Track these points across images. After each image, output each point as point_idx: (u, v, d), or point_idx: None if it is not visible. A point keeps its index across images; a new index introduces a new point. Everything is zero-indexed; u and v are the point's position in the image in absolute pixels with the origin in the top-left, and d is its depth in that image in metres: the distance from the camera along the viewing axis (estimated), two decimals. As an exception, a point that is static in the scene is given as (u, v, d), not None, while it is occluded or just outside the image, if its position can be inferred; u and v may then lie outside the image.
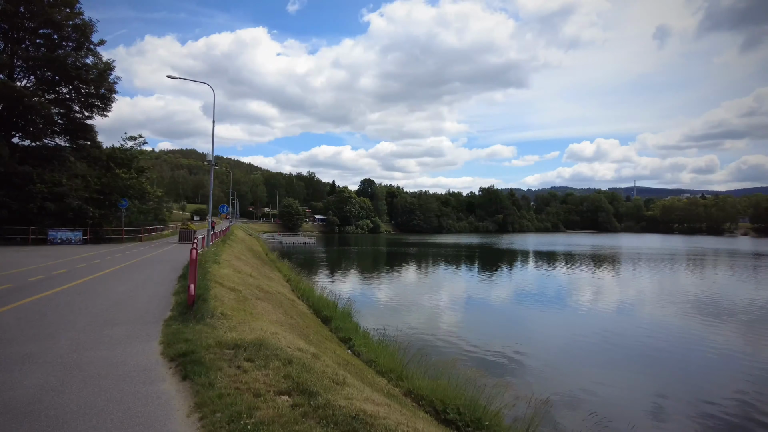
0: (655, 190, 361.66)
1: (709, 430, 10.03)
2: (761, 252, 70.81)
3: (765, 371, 14.07)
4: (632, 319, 21.44)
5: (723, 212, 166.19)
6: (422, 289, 29.70)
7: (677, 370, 14.13)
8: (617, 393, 12.06)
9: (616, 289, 30.80)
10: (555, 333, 18.86)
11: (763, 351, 16.33)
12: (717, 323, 20.60)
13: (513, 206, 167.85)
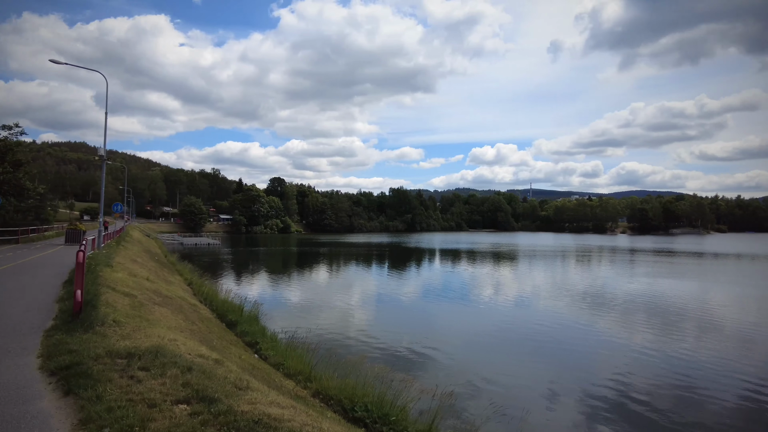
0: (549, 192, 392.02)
1: (593, 408, 11.07)
2: (635, 248, 79.64)
3: (638, 353, 15.81)
4: (528, 312, 23.06)
5: (606, 213, 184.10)
6: (333, 289, 29.65)
7: (567, 357, 15.44)
8: (515, 381, 12.91)
9: (513, 284, 32.94)
10: (459, 327, 19.77)
11: (636, 336, 18.33)
12: (600, 312, 22.80)
13: (421, 206, 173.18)
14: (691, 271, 43.47)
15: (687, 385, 12.85)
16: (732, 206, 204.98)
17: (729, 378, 13.43)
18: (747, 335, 18.70)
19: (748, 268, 48.33)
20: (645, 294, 28.49)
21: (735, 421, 10.62)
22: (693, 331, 19.32)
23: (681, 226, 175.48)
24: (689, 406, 11.44)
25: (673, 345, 16.97)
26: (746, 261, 56.56)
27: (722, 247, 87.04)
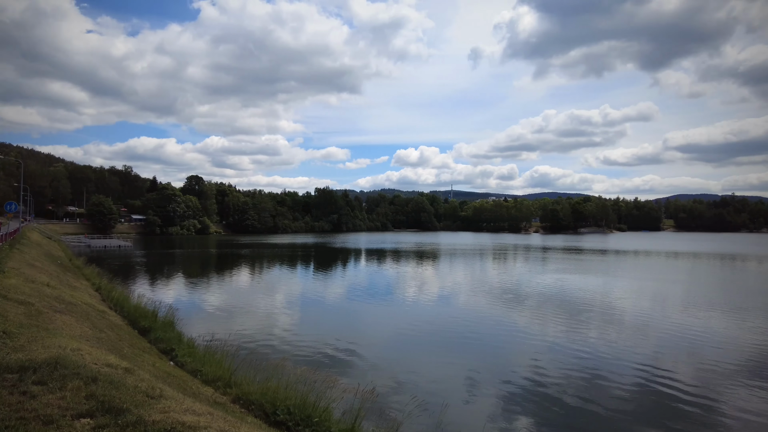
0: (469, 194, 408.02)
1: (509, 396, 11.67)
2: (547, 246, 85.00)
3: (550, 343, 16.88)
4: (449, 308, 23.84)
5: (521, 213, 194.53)
6: (255, 292, 28.86)
7: (485, 349, 16.16)
8: (436, 375, 13.29)
9: (435, 282, 33.91)
10: (383, 325, 20.03)
11: (548, 327, 19.55)
12: (515, 307, 24.06)
13: (347, 207, 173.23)
14: (596, 267, 47.08)
15: (592, 370, 13.91)
16: (631, 207, 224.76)
17: (627, 362, 14.71)
18: (642, 324, 20.58)
19: (644, 263, 53.22)
20: (555, 288, 30.48)
21: (632, 402, 11.64)
22: (597, 322, 20.94)
23: (588, 225, 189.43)
24: (594, 389, 12.39)
25: (580, 335, 18.30)
26: (642, 257, 62.26)
27: (622, 244, 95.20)
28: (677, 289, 32.10)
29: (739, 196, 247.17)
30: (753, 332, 19.12)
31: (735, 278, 39.83)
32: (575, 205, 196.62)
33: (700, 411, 11.12)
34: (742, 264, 52.83)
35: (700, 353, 16.06)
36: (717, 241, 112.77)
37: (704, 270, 46.23)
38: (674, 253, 68.80)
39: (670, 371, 14.02)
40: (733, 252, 73.34)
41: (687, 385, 12.82)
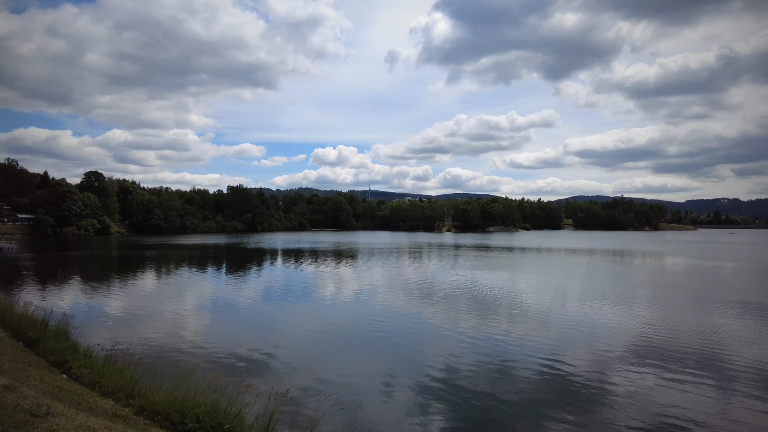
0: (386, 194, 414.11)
1: (423, 390, 11.98)
2: (459, 244, 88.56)
3: (462, 337, 17.56)
4: (366, 307, 24.01)
5: (434, 213, 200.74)
6: (162, 296, 27.16)
7: (400, 346, 16.45)
8: (351, 375, 13.32)
9: (352, 281, 34.01)
10: (298, 326, 19.69)
11: (460, 322, 20.34)
12: (430, 303, 24.77)
13: (262, 206, 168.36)
14: (503, 263, 49.80)
15: (501, 360, 14.67)
16: (534, 207, 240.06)
17: (532, 351, 15.70)
18: (544, 315, 22.08)
19: (546, 259, 57.14)
20: (466, 285, 31.82)
21: (537, 387, 12.44)
22: (505, 315, 22.14)
23: (496, 224, 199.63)
24: (502, 378, 13.08)
25: (490, 327, 19.25)
26: (544, 254, 66.82)
27: (527, 242, 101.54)
28: (575, 282, 34.87)
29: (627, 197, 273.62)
30: (637, 320, 21.23)
31: (623, 272, 43.98)
32: (484, 205, 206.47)
33: (595, 391, 12.15)
34: (629, 259, 58.54)
35: (594, 340, 17.54)
36: (608, 239, 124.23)
37: (598, 265, 50.59)
38: (573, 250, 74.63)
39: (569, 358, 15.17)
40: (621, 248, 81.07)
41: (583, 369, 13.95)
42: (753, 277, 40.00)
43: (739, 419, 10.56)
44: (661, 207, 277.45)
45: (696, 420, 10.47)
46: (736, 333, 18.88)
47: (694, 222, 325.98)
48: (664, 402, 11.52)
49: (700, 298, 27.65)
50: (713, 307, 24.41)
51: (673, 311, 23.38)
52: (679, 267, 48.69)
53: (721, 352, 15.98)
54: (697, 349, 16.27)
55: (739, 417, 10.69)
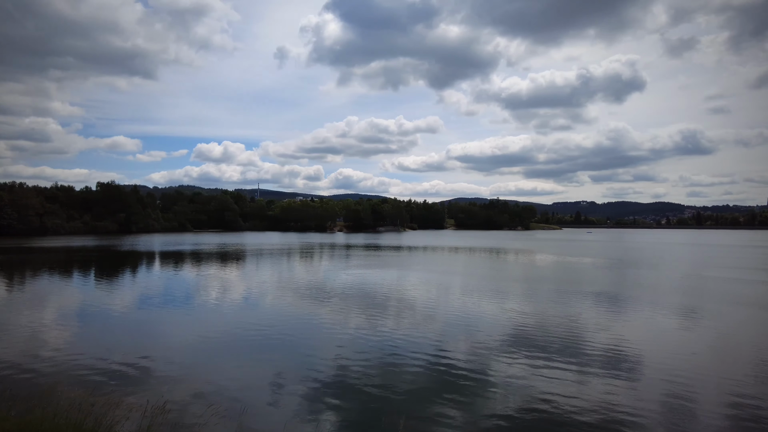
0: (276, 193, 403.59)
1: (314, 391, 11.85)
2: (350, 244, 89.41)
3: (353, 335, 17.70)
4: (255, 310, 23.22)
5: (326, 213, 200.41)
6: (14, 307, 23.76)
7: (291, 349, 16.12)
8: (238, 381, 12.76)
9: (240, 284, 32.69)
10: (180, 333, 18.45)
11: (351, 320, 20.49)
12: (321, 303, 24.63)
13: (138, 204, 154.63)
14: (392, 261, 51.22)
15: (389, 356, 15.03)
16: (421, 208, 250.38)
17: (418, 346, 16.30)
18: (430, 310, 23.11)
19: (431, 257, 59.90)
20: (357, 283, 32.21)
21: (423, 379, 12.95)
22: (393, 311, 22.77)
23: (386, 224, 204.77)
24: (391, 374, 13.40)
25: (379, 325, 19.65)
26: (430, 252, 70.00)
27: (414, 241, 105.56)
28: (457, 279, 36.99)
29: (502, 200, 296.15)
30: (511, 312, 23.09)
31: (498, 268, 47.63)
32: (375, 206, 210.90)
33: (475, 380, 12.96)
34: (504, 256, 63.56)
35: (473, 332, 18.73)
36: (487, 237, 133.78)
37: (477, 262, 54.22)
38: (455, 248, 79.15)
39: (452, 350, 16.04)
40: (497, 246, 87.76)
41: (464, 359, 14.82)
42: (605, 270, 45.61)
43: (594, 395, 11.94)
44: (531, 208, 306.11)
45: (560, 398, 11.64)
46: (591, 320, 21.35)
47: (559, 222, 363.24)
48: (534, 384, 12.66)
49: (563, 290, 30.89)
50: (574, 298, 27.38)
51: (541, 303, 25.80)
52: (546, 263, 53.95)
53: (580, 338, 17.96)
54: (560, 337, 18.10)
55: (595, 393, 12.09)
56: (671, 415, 10.80)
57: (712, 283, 35.44)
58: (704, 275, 41.62)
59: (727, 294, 29.76)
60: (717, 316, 22.72)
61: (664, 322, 21.48)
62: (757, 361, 15.35)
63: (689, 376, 13.63)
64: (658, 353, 15.97)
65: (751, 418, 10.68)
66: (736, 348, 17.27)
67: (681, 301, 27.13)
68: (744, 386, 12.75)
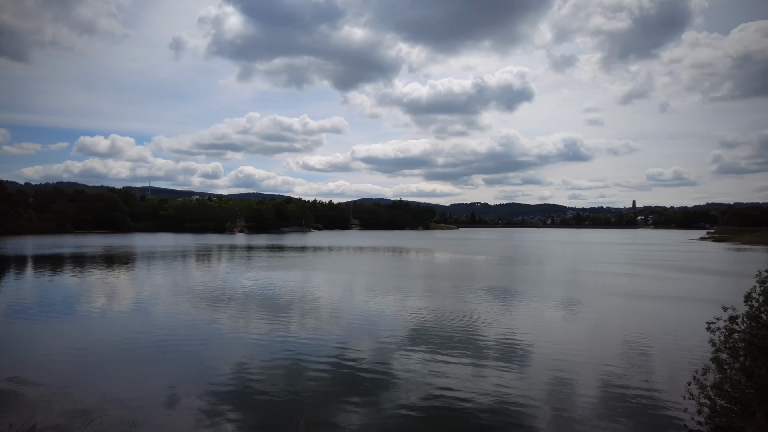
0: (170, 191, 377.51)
1: (214, 399, 11.26)
2: (252, 245, 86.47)
3: (256, 340, 17.10)
4: (147, 318, 21.54)
5: (226, 213, 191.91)
6: None
7: (188, 357, 15.16)
8: (126, 394, 11.75)
9: (130, 290, 30.19)
10: (59, 348, 16.53)
11: (254, 324, 19.80)
12: (221, 308, 23.48)
13: (6, 203, 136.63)
14: (297, 262, 50.40)
15: (294, 358, 14.74)
16: (326, 209, 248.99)
17: (324, 346, 16.17)
18: (335, 310, 23.07)
19: (336, 257, 59.90)
20: (260, 286, 31.22)
21: (329, 379, 12.88)
22: (298, 313, 22.40)
23: (290, 225, 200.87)
24: (296, 376, 13.15)
25: (283, 327, 19.21)
26: (335, 252, 69.96)
27: (319, 241, 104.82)
28: (361, 278, 37.36)
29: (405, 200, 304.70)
30: (412, 309, 23.81)
31: (401, 266, 48.94)
32: (278, 205, 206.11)
33: (378, 376, 13.15)
34: (406, 255, 65.46)
35: (377, 330, 19.02)
36: (390, 237, 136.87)
37: (381, 260, 55.24)
38: (360, 248, 79.91)
39: (356, 348, 16.15)
40: (400, 245, 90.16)
41: (368, 357, 14.98)
42: (497, 267, 48.76)
43: (489, 385, 12.69)
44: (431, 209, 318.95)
45: (458, 390, 12.21)
46: (485, 314, 22.68)
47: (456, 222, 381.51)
48: (433, 377, 13.15)
49: (460, 286, 32.51)
50: (469, 294, 28.91)
51: (439, 299, 26.91)
52: (444, 260, 56.46)
53: (475, 332, 19.00)
54: (458, 331, 19.01)
55: (489, 383, 12.85)
56: (555, 398, 11.80)
57: (588, 277, 39.44)
58: (582, 269, 46.17)
59: (600, 286, 33.31)
60: (592, 306, 25.37)
61: (548, 313, 23.47)
62: (624, 343, 17.33)
63: (570, 360, 15.01)
64: (543, 342, 17.37)
65: (619, 397, 12.02)
66: (608, 333, 19.35)
67: (563, 294, 29.83)
68: (615, 367, 14.33)
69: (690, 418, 9.88)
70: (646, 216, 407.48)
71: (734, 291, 14.27)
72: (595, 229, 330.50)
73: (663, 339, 18.13)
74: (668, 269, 46.29)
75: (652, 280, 37.59)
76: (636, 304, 26.20)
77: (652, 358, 15.79)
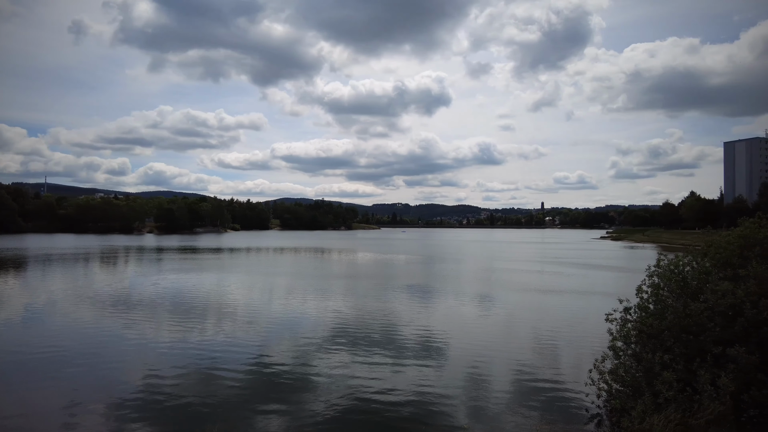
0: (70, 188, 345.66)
1: (117, 411, 10.46)
2: (163, 247, 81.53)
3: (168, 347, 16.12)
4: (44, 327, 19.53)
5: (134, 212, 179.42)
6: None
7: (91, 370, 13.91)
8: (20, 414, 10.62)
9: (23, 296, 27.23)
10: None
11: (165, 331, 18.65)
12: (127, 314, 21.86)
13: None
14: (211, 265, 48.30)
15: (210, 365, 14.09)
16: (244, 208, 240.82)
17: (241, 351, 15.63)
18: (252, 314, 22.39)
19: (254, 259, 58.19)
20: (171, 290, 29.50)
21: (247, 385, 12.45)
22: (213, 318, 21.48)
23: (204, 225, 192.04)
24: (210, 383, 12.58)
25: (197, 333, 18.30)
26: (253, 253, 67.92)
27: (236, 242, 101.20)
28: (281, 280, 36.58)
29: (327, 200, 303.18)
30: (333, 310, 23.74)
31: (322, 267, 48.61)
32: (192, 204, 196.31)
33: (299, 380, 12.94)
34: (328, 255, 65.14)
35: (297, 333, 18.73)
36: (312, 238, 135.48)
37: (301, 262, 54.47)
38: (280, 249, 78.23)
39: (275, 352, 15.80)
40: (322, 246, 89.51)
41: (288, 361, 14.70)
42: (417, 265, 50.00)
43: (409, 383, 12.96)
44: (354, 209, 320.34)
45: (379, 390, 12.35)
46: (405, 313, 23.14)
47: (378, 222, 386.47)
48: (355, 378, 13.18)
49: (381, 285, 32.95)
50: (390, 293, 29.39)
51: (360, 299, 27.08)
52: (366, 260, 56.91)
53: (396, 331, 19.33)
54: (378, 330, 19.22)
55: (409, 381, 13.14)
56: (472, 392, 12.31)
57: (501, 274, 41.65)
58: (495, 267, 48.65)
59: (511, 282, 35.29)
60: (504, 302, 26.86)
61: (464, 309, 24.44)
62: (534, 337, 18.50)
63: (485, 355, 15.74)
64: (459, 339, 18.05)
65: (530, 388, 12.80)
66: (519, 328, 20.54)
67: (478, 290, 31.27)
68: (525, 359, 15.26)
69: (591, 403, 10.75)
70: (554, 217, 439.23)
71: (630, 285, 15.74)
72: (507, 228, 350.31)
73: (569, 331, 19.56)
74: (573, 266, 50.05)
75: (559, 276, 40.46)
76: (544, 298, 28.04)
77: (559, 349, 16.98)
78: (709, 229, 13.37)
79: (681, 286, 10.65)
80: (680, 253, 12.00)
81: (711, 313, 9.37)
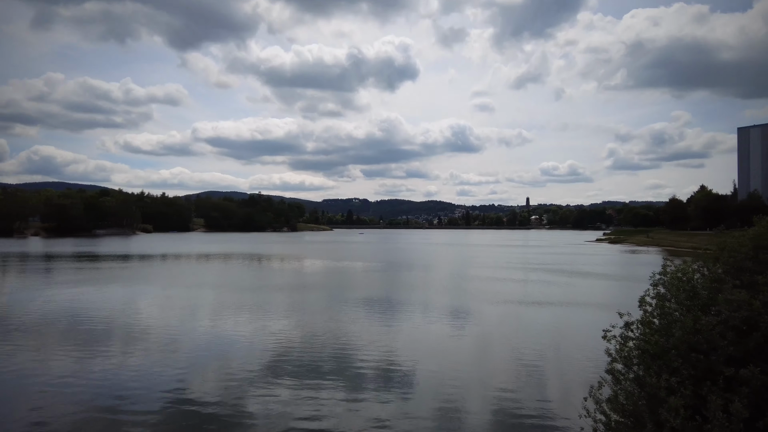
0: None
1: None
2: (53, 253, 78.31)
3: (58, 381, 15.49)
4: None
5: (14, 209, 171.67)
6: None
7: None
8: None
9: None
10: None
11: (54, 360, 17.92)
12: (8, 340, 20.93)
13: None
14: (117, 275, 46.82)
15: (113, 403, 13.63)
16: (159, 204, 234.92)
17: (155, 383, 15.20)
18: (170, 337, 21.82)
19: (173, 268, 56.84)
20: (64, 308, 28.40)
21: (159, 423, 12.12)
22: (118, 344, 20.79)
23: (107, 225, 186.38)
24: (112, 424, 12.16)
25: (99, 362, 17.68)
26: (171, 261, 66.30)
27: (149, 247, 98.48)
28: (208, 294, 35.80)
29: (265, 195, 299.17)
30: (274, 331, 23.51)
31: (261, 278, 47.97)
32: (91, 199, 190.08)
33: (227, 417, 12.73)
34: (268, 264, 64.37)
35: (227, 360, 18.41)
36: (247, 241, 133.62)
37: (233, 272, 53.59)
38: (205, 256, 76.63)
39: (199, 384, 15.49)
40: (260, 252, 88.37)
41: (215, 394, 14.42)
42: (377, 275, 50.14)
43: (363, 419, 12.94)
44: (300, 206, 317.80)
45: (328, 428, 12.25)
46: (363, 332, 23.18)
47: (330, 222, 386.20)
48: (299, 419, 13.02)
49: (333, 300, 32.84)
50: (345, 309, 29.34)
51: (308, 317, 26.89)
52: (315, 269, 56.64)
53: (352, 355, 19.32)
54: (328, 355, 19.15)
55: (364, 416, 13.12)
56: (443, 429, 12.38)
57: (476, 283, 42.39)
58: (466, 275, 49.56)
59: (488, 293, 35.99)
60: (480, 317, 27.47)
61: (433, 328, 24.67)
62: (515, 359, 18.85)
63: (457, 384, 15.92)
64: (427, 364, 18.18)
65: (512, 423, 13.00)
66: (497, 348, 20.92)
67: (449, 303, 31.75)
68: (506, 387, 15.53)
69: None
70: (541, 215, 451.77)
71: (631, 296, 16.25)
72: (486, 229, 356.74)
73: (556, 352, 20.05)
74: (563, 274, 51.52)
75: (546, 285, 41.46)
76: (527, 313, 28.70)
77: (545, 374, 17.35)
78: (722, 229, 13.89)
79: (690, 297, 11.02)
80: (689, 258, 12.45)
81: (723, 327, 9.74)
